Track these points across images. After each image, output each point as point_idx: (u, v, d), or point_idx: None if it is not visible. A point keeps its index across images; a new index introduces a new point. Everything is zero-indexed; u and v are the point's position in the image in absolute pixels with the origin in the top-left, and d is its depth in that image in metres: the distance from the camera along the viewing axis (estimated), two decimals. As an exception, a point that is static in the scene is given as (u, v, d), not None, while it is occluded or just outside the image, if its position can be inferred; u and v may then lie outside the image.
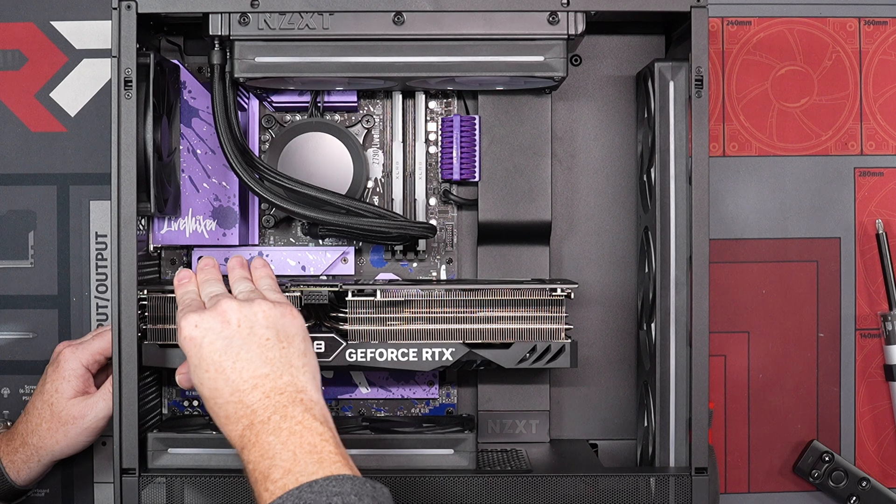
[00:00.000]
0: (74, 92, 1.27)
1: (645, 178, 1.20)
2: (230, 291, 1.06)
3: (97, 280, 1.28)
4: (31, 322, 1.28)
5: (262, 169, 1.15)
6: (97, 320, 1.27)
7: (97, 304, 1.28)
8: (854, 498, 1.28)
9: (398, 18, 1.10)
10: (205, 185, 1.21)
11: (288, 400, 0.95)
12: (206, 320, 0.99)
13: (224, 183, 1.21)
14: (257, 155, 1.21)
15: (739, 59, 1.29)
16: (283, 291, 1.13)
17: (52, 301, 1.28)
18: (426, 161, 1.24)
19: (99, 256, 1.28)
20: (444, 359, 1.14)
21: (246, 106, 1.23)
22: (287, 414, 0.94)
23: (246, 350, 0.98)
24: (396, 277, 1.25)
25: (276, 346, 0.99)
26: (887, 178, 1.30)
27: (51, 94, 1.28)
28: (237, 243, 1.21)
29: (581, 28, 1.10)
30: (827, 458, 1.28)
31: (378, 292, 1.14)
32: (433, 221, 1.25)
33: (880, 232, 1.29)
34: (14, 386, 1.28)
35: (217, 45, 1.12)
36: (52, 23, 1.27)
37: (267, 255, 1.24)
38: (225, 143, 1.12)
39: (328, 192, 1.15)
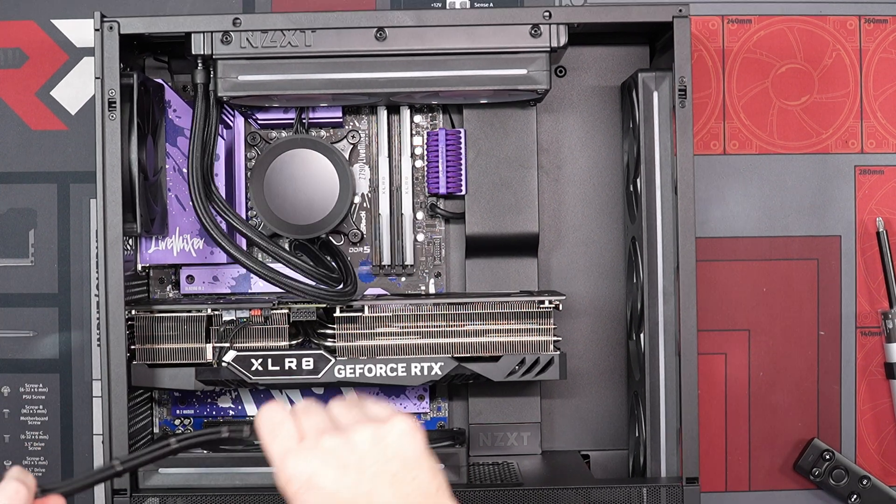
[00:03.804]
0: (75, 90, 1.27)
1: (631, 188, 1.20)
2: None
3: (97, 278, 1.27)
4: (31, 320, 1.28)
5: (216, 200, 1.13)
6: (97, 318, 1.27)
7: (97, 302, 1.27)
8: (855, 496, 1.28)
9: (380, 34, 1.10)
10: (191, 203, 1.20)
11: None
12: None
13: (211, 201, 1.21)
14: (244, 172, 1.22)
15: (740, 57, 1.29)
16: (272, 308, 1.14)
17: (53, 299, 1.28)
18: (412, 175, 1.24)
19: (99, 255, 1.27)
20: (432, 373, 1.14)
21: (231, 123, 1.23)
22: None
23: None
24: (385, 292, 1.25)
25: None
26: (888, 176, 1.30)
27: (51, 93, 1.28)
28: (225, 261, 1.22)
29: (563, 40, 1.11)
30: (827, 457, 1.28)
31: (366, 308, 1.14)
32: (420, 236, 1.25)
33: (881, 230, 1.29)
34: (14, 385, 1.28)
35: (200, 64, 1.12)
36: (52, 21, 1.27)
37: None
38: (191, 164, 1.11)
39: (264, 238, 1.14)
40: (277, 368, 1.13)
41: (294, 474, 0.77)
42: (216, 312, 1.14)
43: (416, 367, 1.13)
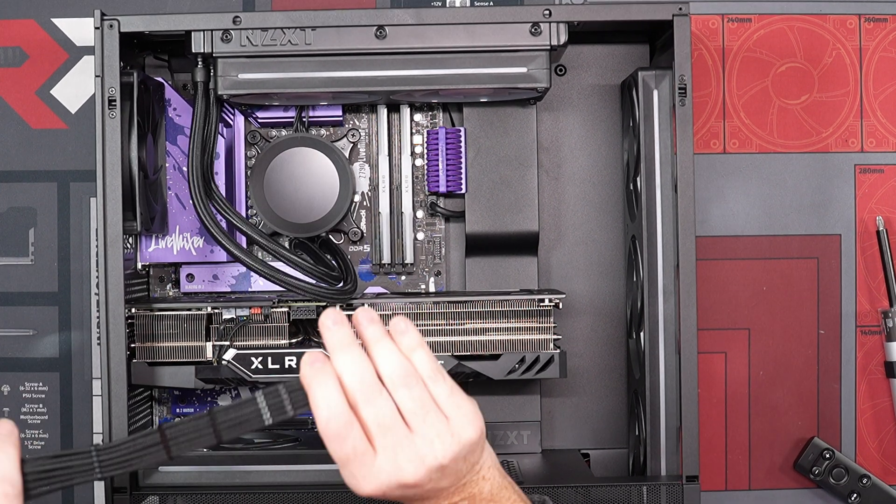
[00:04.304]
0: (75, 89, 1.27)
1: (631, 187, 1.20)
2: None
3: (97, 277, 1.27)
4: (31, 319, 1.28)
5: (216, 199, 1.14)
6: (97, 317, 1.27)
7: (97, 301, 1.27)
8: (855, 495, 1.28)
9: (380, 33, 1.10)
10: (191, 201, 1.21)
11: None
12: None
13: (211, 199, 1.21)
14: (244, 171, 1.22)
15: (740, 56, 1.29)
16: (272, 307, 1.14)
17: (53, 298, 1.28)
18: (412, 174, 1.24)
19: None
20: (433, 371, 1.13)
21: (231, 122, 1.23)
22: None
23: None
24: (385, 291, 1.25)
25: None
26: (888, 175, 1.30)
27: (51, 91, 1.28)
28: (225, 260, 1.22)
29: (563, 39, 1.11)
30: (827, 455, 1.28)
31: (366, 306, 1.14)
32: (420, 235, 1.25)
33: (881, 229, 1.29)
34: (14, 383, 1.28)
35: (200, 63, 1.12)
36: (52, 20, 1.27)
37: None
38: (191, 163, 1.11)
39: (265, 236, 1.14)
40: (277, 367, 1.13)
41: (370, 494, 0.84)
42: (216, 311, 1.14)
43: (416, 365, 1.13)
